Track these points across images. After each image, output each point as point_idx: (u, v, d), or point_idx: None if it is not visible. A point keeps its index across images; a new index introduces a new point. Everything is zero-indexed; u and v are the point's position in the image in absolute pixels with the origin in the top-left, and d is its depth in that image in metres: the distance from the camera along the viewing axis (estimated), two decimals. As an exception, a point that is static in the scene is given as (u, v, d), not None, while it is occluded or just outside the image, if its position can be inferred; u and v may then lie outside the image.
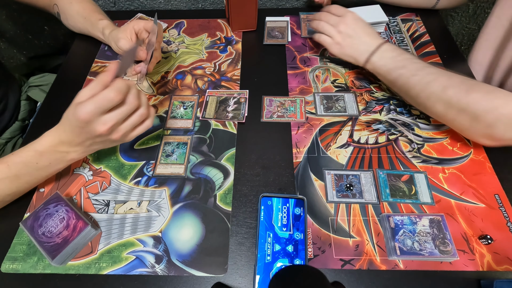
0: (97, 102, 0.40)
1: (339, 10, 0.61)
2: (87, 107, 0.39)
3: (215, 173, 0.53)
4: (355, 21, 0.60)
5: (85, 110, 0.39)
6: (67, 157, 0.46)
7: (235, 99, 0.62)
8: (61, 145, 0.45)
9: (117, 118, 0.41)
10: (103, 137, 0.43)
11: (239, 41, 0.74)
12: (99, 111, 0.40)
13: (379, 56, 0.57)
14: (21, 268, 0.44)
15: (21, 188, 0.48)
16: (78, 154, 0.47)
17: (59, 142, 0.44)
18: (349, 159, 0.54)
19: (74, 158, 0.47)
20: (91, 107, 0.39)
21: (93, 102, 0.39)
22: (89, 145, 0.45)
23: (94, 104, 0.39)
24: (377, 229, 0.47)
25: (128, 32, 0.60)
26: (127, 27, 0.60)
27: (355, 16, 0.60)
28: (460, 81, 0.48)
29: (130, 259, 0.45)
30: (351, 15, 0.60)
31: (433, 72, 0.50)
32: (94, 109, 0.39)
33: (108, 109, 0.40)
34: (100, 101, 0.40)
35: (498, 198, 0.49)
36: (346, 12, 0.60)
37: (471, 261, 0.44)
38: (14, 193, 0.48)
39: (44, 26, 0.89)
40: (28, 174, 0.46)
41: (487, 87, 0.47)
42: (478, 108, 0.45)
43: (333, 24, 0.61)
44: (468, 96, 0.46)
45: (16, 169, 0.45)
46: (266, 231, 0.45)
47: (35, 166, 0.45)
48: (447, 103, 0.48)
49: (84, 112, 0.39)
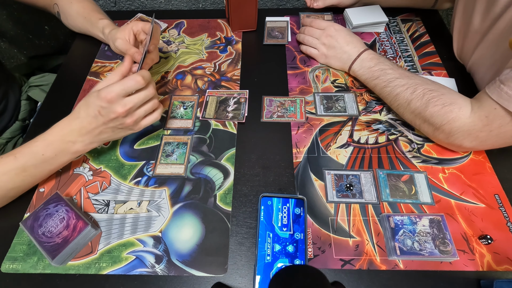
0: (124, 84, 0.44)
1: (321, 23, 0.66)
2: (113, 88, 0.43)
3: (215, 173, 0.53)
4: (337, 32, 0.64)
5: (111, 90, 0.43)
6: (72, 148, 0.47)
7: (235, 99, 0.62)
8: (70, 133, 0.46)
9: (136, 101, 0.45)
10: (117, 121, 0.46)
11: (239, 41, 0.74)
12: (124, 93, 0.44)
13: (358, 65, 0.61)
14: (21, 268, 0.44)
15: (25, 182, 0.48)
16: (84, 145, 0.48)
17: (69, 130, 0.46)
18: (349, 159, 0.54)
19: (79, 149, 0.48)
20: (117, 88, 0.44)
21: (120, 84, 0.44)
22: (98, 133, 0.47)
23: (121, 85, 0.44)
24: (377, 229, 0.47)
25: (126, 33, 0.60)
26: (126, 28, 0.61)
27: (336, 27, 0.65)
28: (423, 94, 0.51)
29: (130, 259, 0.45)
30: (332, 27, 0.65)
31: (402, 84, 0.54)
32: (120, 90, 0.44)
33: (132, 91, 0.45)
34: (127, 83, 0.44)
35: (498, 198, 0.49)
36: (328, 25, 0.65)
37: (471, 261, 0.44)
38: (18, 187, 0.48)
39: (44, 26, 0.89)
40: (34, 166, 0.46)
41: (446, 99, 0.49)
42: (436, 121, 0.50)
43: (317, 37, 0.66)
44: (427, 110, 0.50)
45: (23, 160, 0.45)
46: (266, 231, 0.45)
47: (41, 158, 0.46)
48: (412, 114, 0.53)
49: (110, 91, 0.43)
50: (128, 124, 0.47)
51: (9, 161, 0.45)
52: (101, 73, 0.68)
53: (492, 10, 0.52)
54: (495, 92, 0.44)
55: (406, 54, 0.70)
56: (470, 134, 0.47)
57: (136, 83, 0.44)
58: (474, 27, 0.57)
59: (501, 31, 0.51)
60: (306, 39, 0.68)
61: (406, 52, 0.70)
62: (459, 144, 0.50)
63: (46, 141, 0.46)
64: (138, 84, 0.45)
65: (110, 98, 0.43)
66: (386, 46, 0.71)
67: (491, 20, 0.53)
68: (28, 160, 0.46)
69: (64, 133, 0.46)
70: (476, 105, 0.47)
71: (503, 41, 0.51)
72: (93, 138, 0.47)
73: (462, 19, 0.61)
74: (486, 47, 0.56)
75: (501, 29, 0.51)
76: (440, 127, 0.50)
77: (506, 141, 0.47)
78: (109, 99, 0.43)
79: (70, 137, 0.46)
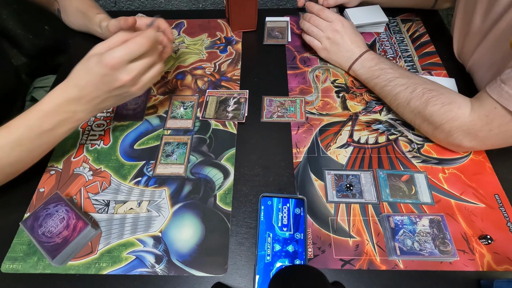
0: (128, 48, 0.39)
1: (330, 15, 0.63)
2: (117, 53, 0.39)
3: (215, 173, 0.53)
4: (344, 28, 0.62)
5: (114, 55, 0.39)
6: (74, 117, 0.44)
7: (235, 99, 0.62)
8: (68, 103, 0.42)
9: (141, 67, 0.42)
10: (123, 89, 0.43)
11: (239, 41, 0.74)
12: (128, 58, 0.40)
13: (359, 65, 0.60)
14: (21, 268, 0.44)
15: (22, 157, 0.45)
16: (85, 114, 0.45)
17: (66, 100, 0.42)
18: (349, 159, 0.54)
19: (81, 118, 0.45)
20: (121, 52, 0.39)
21: (123, 48, 0.39)
22: (100, 102, 0.44)
23: (125, 50, 0.39)
24: (377, 229, 0.47)
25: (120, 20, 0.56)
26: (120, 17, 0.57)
27: (344, 23, 0.62)
28: (422, 93, 0.51)
29: (130, 259, 0.45)
30: (340, 22, 0.62)
31: (402, 83, 0.54)
32: (124, 55, 0.39)
33: (136, 56, 0.40)
34: (132, 47, 0.39)
35: (498, 198, 0.49)
36: (336, 18, 0.63)
37: (471, 261, 0.44)
38: (15, 163, 0.45)
39: (44, 25, 0.89)
40: (30, 139, 0.43)
41: (445, 98, 0.49)
42: (435, 120, 0.50)
43: (323, 29, 0.63)
44: (426, 109, 0.50)
45: (18, 133, 0.42)
46: (266, 231, 0.45)
47: (38, 130, 0.42)
48: (412, 113, 0.53)
49: (113, 57, 0.39)
50: (134, 90, 0.44)
51: (2, 134, 0.41)
52: None
53: (493, 10, 0.52)
54: (496, 91, 0.44)
55: (406, 54, 0.70)
56: (469, 134, 0.47)
57: (140, 47, 0.40)
58: (474, 28, 0.57)
59: (502, 31, 0.51)
60: (311, 30, 0.65)
61: (406, 52, 0.70)
62: (459, 143, 0.50)
63: (42, 112, 0.42)
64: (142, 48, 0.41)
65: (113, 64, 0.39)
66: (386, 46, 0.71)
67: (492, 20, 0.53)
68: (23, 133, 0.42)
69: (60, 102, 0.42)
70: (476, 104, 0.47)
71: (503, 42, 0.51)
72: (95, 106, 0.44)
73: (463, 19, 0.61)
74: (486, 48, 0.56)
75: (501, 30, 0.51)
76: (439, 126, 0.50)
77: (505, 140, 0.47)
78: (112, 65, 0.39)
79: (70, 107, 0.42)
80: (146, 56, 0.42)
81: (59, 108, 0.42)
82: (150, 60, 0.43)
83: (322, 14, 0.64)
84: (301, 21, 0.68)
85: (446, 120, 0.48)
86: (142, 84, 0.44)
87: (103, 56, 0.39)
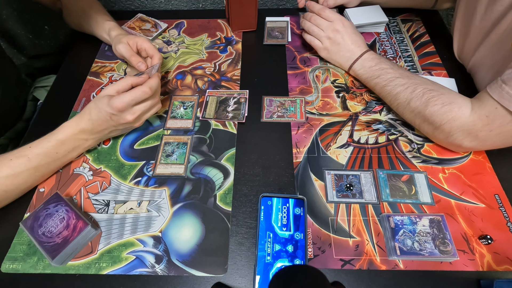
0: (134, 95, 0.48)
1: (331, 15, 0.63)
2: (124, 98, 0.48)
3: (215, 173, 0.53)
4: (345, 28, 0.62)
5: (122, 101, 0.47)
6: (85, 144, 0.52)
7: (235, 99, 0.62)
8: (82, 133, 0.50)
9: (143, 109, 0.51)
10: (127, 125, 0.51)
11: (239, 41, 0.74)
12: (133, 103, 0.49)
13: (360, 65, 0.61)
14: (21, 268, 0.44)
15: (36, 179, 0.50)
16: (94, 142, 0.53)
17: (80, 130, 0.50)
18: (349, 159, 0.54)
19: (90, 145, 0.53)
20: (128, 99, 0.48)
21: (130, 94, 0.48)
22: (108, 133, 0.52)
23: (131, 96, 0.48)
24: (377, 229, 0.47)
25: (131, 43, 0.61)
26: (133, 39, 0.61)
27: (344, 23, 0.63)
28: (423, 93, 0.51)
29: (130, 259, 0.45)
30: (341, 22, 0.63)
31: (402, 83, 0.54)
32: (130, 100, 0.48)
33: (140, 100, 0.49)
34: (138, 94, 0.49)
35: (498, 198, 0.49)
36: (337, 18, 0.63)
37: (471, 261, 0.44)
38: (30, 186, 0.50)
39: (44, 26, 0.89)
40: (47, 165, 0.49)
41: (445, 98, 0.49)
42: (436, 120, 0.50)
43: (324, 28, 0.64)
44: (427, 109, 0.50)
45: (36, 161, 0.47)
46: (266, 231, 0.45)
47: (54, 156, 0.49)
48: (412, 113, 0.53)
49: (120, 102, 0.47)
50: (135, 126, 0.53)
51: (22, 163, 0.47)
52: (101, 73, 0.68)
53: (494, 10, 0.52)
54: (497, 92, 0.44)
55: (406, 54, 0.70)
56: (470, 134, 0.47)
57: (144, 94, 0.49)
58: (475, 28, 0.57)
59: (503, 32, 0.51)
60: (312, 29, 0.65)
61: (406, 52, 0.70)
62: (459, 143, 0.50)
63: (60, 141, 0.49)
64: (146, 95, 0.49)
65: (121, 108, 0.48)
66: (386, 46, 0.71)
67: (493, 21, 0.53)
68: (42, 160, 0.48)
69: (76, 132, 0.50)
70: (477, 104, 0.47)
71: (505, 42, 0.51)
72: (103, 136, 0.53)
73: (463, 19, 0.61)
74: (487, 48, 0.56)
75: (503, 30, 0.51)
76: (439, 127, 0.50)
77: (506, 141, 0.47)
78: (119, 108, 0.48)
79: (82, 136, 0.50)
80: (148, 99, 0.51)
81: (74, 137, 0.50)
82: (151, 103, 0.52)
83: (323, 14, 0.64)
84: (301, 20, 0.68)
85: (446, 120, 0.48)
86: (143, 120, 0.53)
87: (113, 100, 0.47)
